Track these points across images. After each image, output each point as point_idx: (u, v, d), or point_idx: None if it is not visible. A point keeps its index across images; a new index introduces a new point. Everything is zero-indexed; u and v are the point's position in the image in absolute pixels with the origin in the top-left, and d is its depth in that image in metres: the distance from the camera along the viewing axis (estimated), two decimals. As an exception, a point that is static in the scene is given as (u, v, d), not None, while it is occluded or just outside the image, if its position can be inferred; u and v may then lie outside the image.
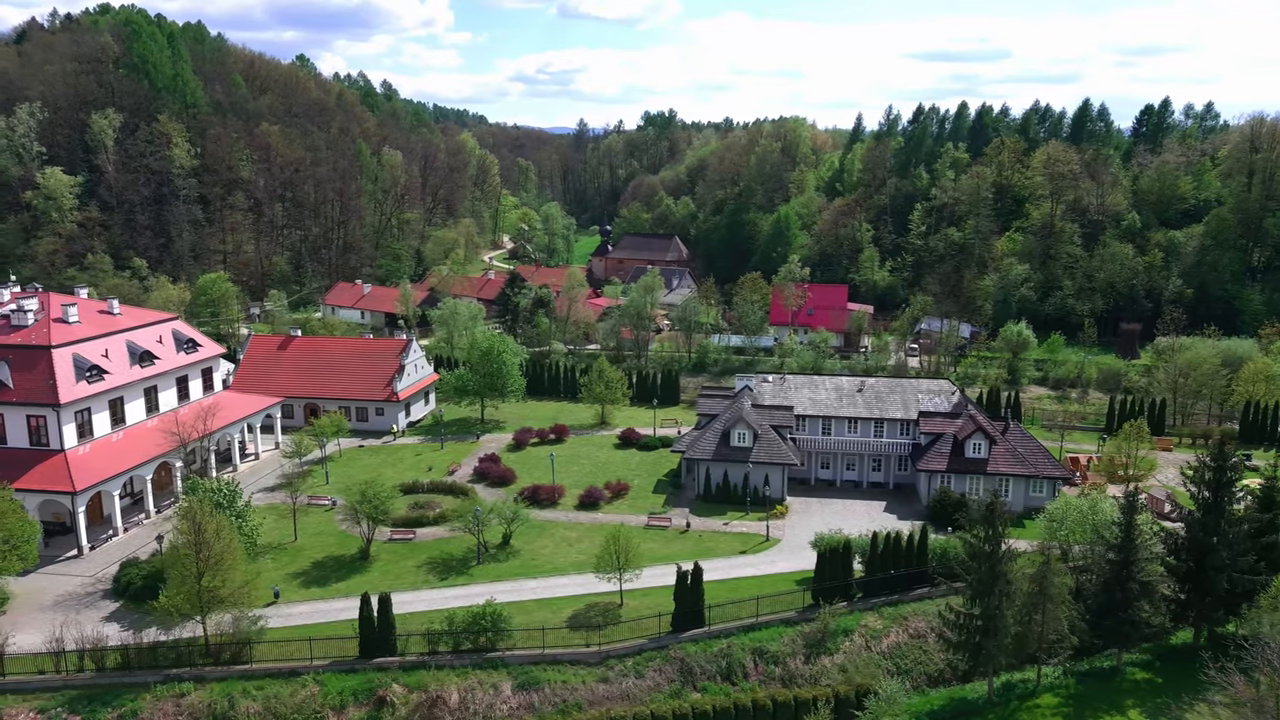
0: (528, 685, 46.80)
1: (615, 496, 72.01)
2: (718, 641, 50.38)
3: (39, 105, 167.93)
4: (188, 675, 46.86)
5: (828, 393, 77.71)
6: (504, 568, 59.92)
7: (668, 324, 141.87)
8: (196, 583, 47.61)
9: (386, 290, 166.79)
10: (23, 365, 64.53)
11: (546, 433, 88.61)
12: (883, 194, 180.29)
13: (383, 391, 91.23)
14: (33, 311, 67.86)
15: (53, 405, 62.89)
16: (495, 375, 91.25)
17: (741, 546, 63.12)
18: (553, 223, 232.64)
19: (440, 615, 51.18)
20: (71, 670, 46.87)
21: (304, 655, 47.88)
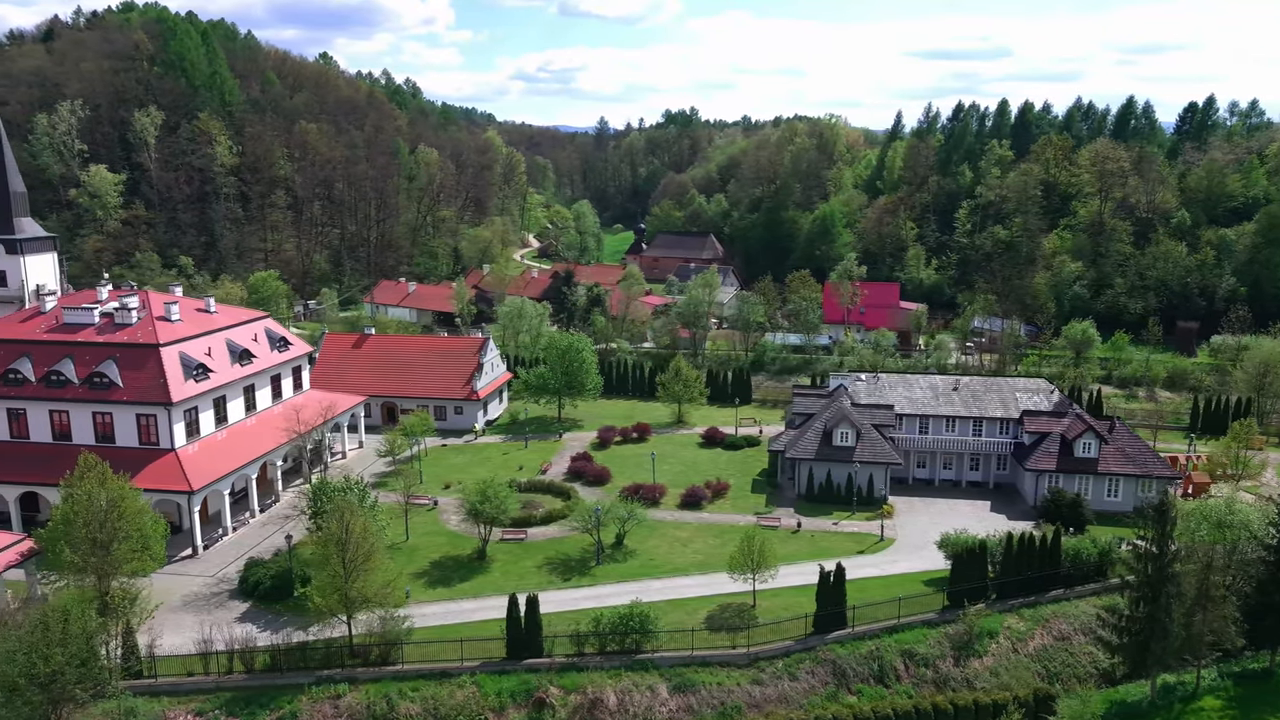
0: (683, 687, 46.33)
1: (716, 496, 71.50)
2: (864, 643, 49.91)
3: (80, 103, 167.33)
4: (339, 676, 46.41)
5: (923, 391, 77.18)
6: (624, 568, 59.43)
7: (715, 321, 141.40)
8: (343, 583, 47.22)
9: (432, 288, 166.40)
10: (131, 364, 64.13)
11: (629, 431, 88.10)
12: (924, 192, 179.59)
13: (462, 390, 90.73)
14: (135, 310, 67.44)
15: (164, 404, 62.49)
16: (575, 373, 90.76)
17: (857, 546, 62.59)
18: (584, 221, 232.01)
19: (574, 616, 50.85)
20: (221, 672, 46.43)
21: (453, 656, 47.41)
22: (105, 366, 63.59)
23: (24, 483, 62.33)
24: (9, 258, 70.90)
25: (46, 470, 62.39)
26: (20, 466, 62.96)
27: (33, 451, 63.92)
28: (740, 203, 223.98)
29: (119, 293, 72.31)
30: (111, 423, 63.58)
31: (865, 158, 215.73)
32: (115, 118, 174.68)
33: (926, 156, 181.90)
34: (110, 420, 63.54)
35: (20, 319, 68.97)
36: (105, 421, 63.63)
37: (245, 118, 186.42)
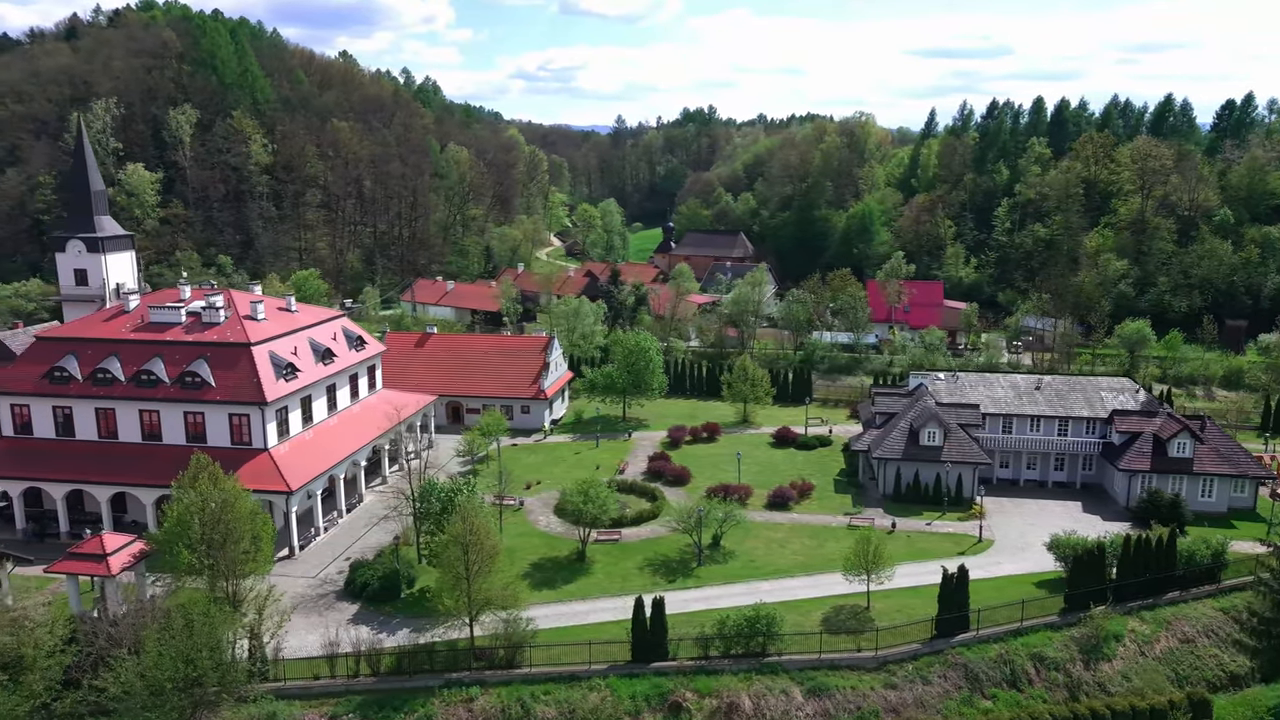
0: (817, 691, 45.74)
1: (802, 496, 70.86)
2: (990, 646, 49.30)
3: (114, 100, 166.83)
4: (468, 679, 45.85)
5: (1005, 390, 76.55)
6: (726, 569, 58.83)
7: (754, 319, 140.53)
8: (466, 584, 46.70)
9: (470, 287, 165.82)
10: (222, 363, 63.60)
11: (699, 431, 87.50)
12: (961, 189, 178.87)
13: (529, 389, 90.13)
14: (222, 309, 66.91)
15: (258, 404, 61.94)
16: (641, 373, 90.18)
17: (956, 548, 61.95)
18: (610, 219, 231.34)
19: (686, 619, 50.28)
20: (348, 675, 45.88)
21: (580, 659, 46.84)
22: (196, 366, 63.06)
23: (115, 483, 61.77)
24: (90, 256, 70.32)
25: (136, 470, 62.07)
26: (111, 467, 62.44)
27: (122, 452, 63.41)
28: (768, 201, 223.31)
29: (202, 291, 71.74)
30: (203, 422, 63.02)
31: (896, 156, 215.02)
32: (148, 116, 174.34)
33: (963, 154, 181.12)
34: (202, 420, 62.99)
35: (104, 318, 68.44)
36: (196, 421, 63.08)
37: (276, 116, 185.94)
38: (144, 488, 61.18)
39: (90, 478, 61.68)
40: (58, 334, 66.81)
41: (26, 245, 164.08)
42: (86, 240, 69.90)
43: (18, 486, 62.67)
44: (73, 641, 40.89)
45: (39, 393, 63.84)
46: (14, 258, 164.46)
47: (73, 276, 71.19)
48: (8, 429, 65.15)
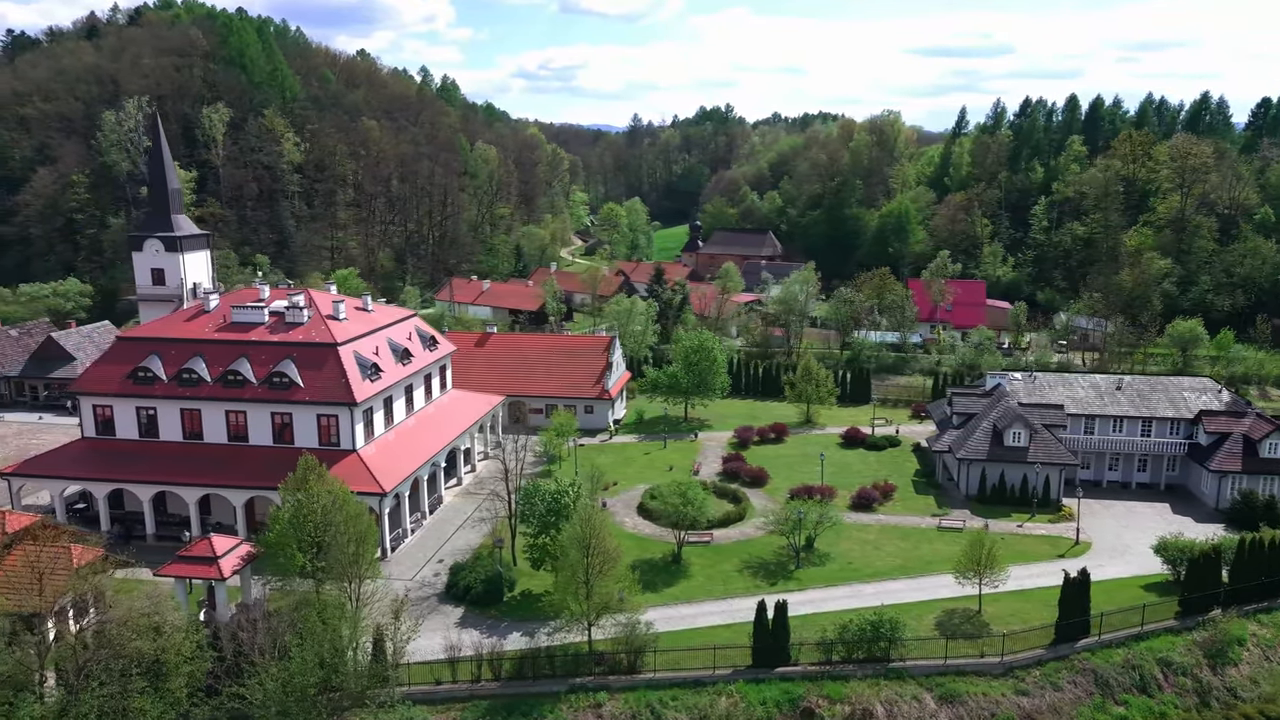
0: (948, 698, 45.08)
1: (885, 497, 70.17)
2: (1115, 651, 48.61)
3: (146, 99, 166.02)
4: (592, 684, 45.20)
5: (1085, 390, 75.82)
6: (825, 572, 58.15)
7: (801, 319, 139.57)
8: (586, 587, 46.06)
9: (506, 285, 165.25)
10: (309, 364, 62.92)
11: (766, 431, 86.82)
12: (995, 188, 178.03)
13: (593, 389, 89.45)
14: (304, 308, 66.23)
15: (347, 404, 61.29)
16: (705, 373, 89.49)
17: (1054, 550, 61.27)
18: (636, 218, 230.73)
19: (796, 622, 49.54)
20: (470, 679, 45.22)
21: (702, 664, 46.17)
22: (283, 366, 62.37)
23: (205, 485, 61.05)
24: (168, 255, 69.64)
25: (223, 472, 61.42)
26: (197, 468, 61.75)
27: (208, 453, 62.74)
28: (795, 200, 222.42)
29: (283, 291, 71.08)
30: (290, 423, 62.36)
31: (926, 154, 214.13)
32: (178, 114, 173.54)
33: (997, 152, 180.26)
34: (289, 421, 62.33)
35: (185, 318, 67.78)
36: (284, 422, 62.43)
37: (305, 114, 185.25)
38: (233, 489, 60.56)
39: (180, 479, 60.94)
40: (139, 334, 66.15)
41: (60, 244, 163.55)
42: (165, 239, 69.21)
43: (104, 488, 62.04)
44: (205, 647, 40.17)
45: (123, 393, 63.20)
46: (47, 257, 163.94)
47: (149, 275, 70.51)
48: (89, 429, 64.55)
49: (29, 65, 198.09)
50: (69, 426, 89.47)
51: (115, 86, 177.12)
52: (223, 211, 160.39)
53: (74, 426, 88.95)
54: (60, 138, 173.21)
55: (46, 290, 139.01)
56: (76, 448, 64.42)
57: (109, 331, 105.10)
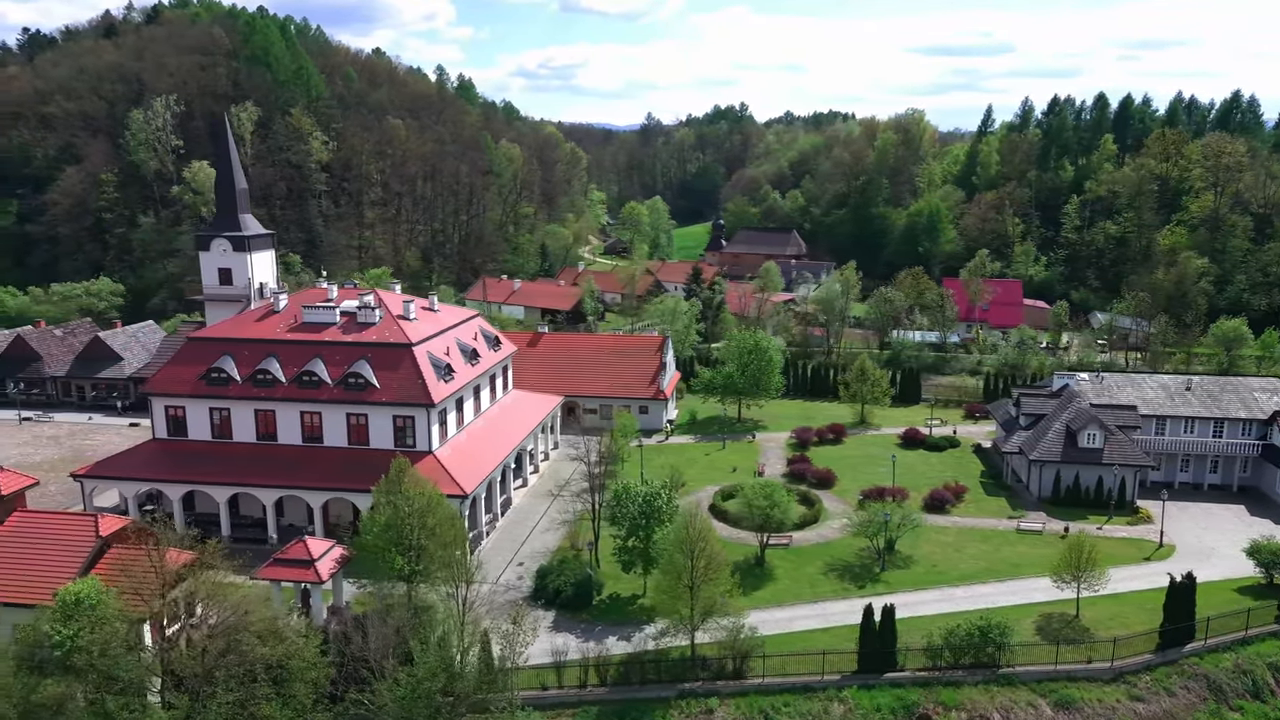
0: (1064, 704, 44.50)
1: (957, 499, 69.56)
2: (1223, 656, 48.05)
3: (174, 98, 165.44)
4: (701, 690, 44.65)
5: (1155, 391, 75.18)
6: (911, 575, 57.55)
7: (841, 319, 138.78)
8: (691, 591, 45.50)
9: (538, 285, 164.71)
10: (384, 364, 62.33)
11: (824, 432, 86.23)
12: (1025, 186, 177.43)
13: (648, 389, 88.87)
14: (376, 308, 65.65)
15: (425, 405, 60.71)
16: (761, 373, 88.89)
17: (1138, 553, 60.65)
18: (658, 217, 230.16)
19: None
20: (576, 684, 44.65)
21: (809, 669, 45.61)
22: (358, 366, 61.79)
23: (283, 486, 60.48)
24: (236, 255, 69.09)
25: (298, 473, 60.85)
26: (273, 470, 61.16)
27: (282, 454, 62.16)
28: (818, 199, 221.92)
29: (350, 291, 70.53)
30: (366, 424, 61.75)
31: (950, 153, 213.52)
32: (205, 113, 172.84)
33: (1027, 151, 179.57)
34: (365, 422, 61.72)
35: (254, 318, 67.21)
36: (359, 423, 61.83)
37: (331, 113, 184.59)
38: (311, 490, 59.99)
39: (258, 480, 60.38)
40: (211, 334, 65.54)
41: (89, 243, 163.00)
42: (232, 239, 68.66)
43: (179, 490, 61.45)
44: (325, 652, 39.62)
45: (196, 394, 62.64)
46: (75, 256, 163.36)
47: (216, 275, 69.96)
48: (161, 430, 64.00)
49: (50, 64, 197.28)
50: (119, 426, 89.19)
51: (139, 85, 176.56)
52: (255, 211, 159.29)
53: (125, 426, 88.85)
54: (85, 136, 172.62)
55: (79, 289, 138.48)
56: (148, 449, 63.87)
57: (154, 331, 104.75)
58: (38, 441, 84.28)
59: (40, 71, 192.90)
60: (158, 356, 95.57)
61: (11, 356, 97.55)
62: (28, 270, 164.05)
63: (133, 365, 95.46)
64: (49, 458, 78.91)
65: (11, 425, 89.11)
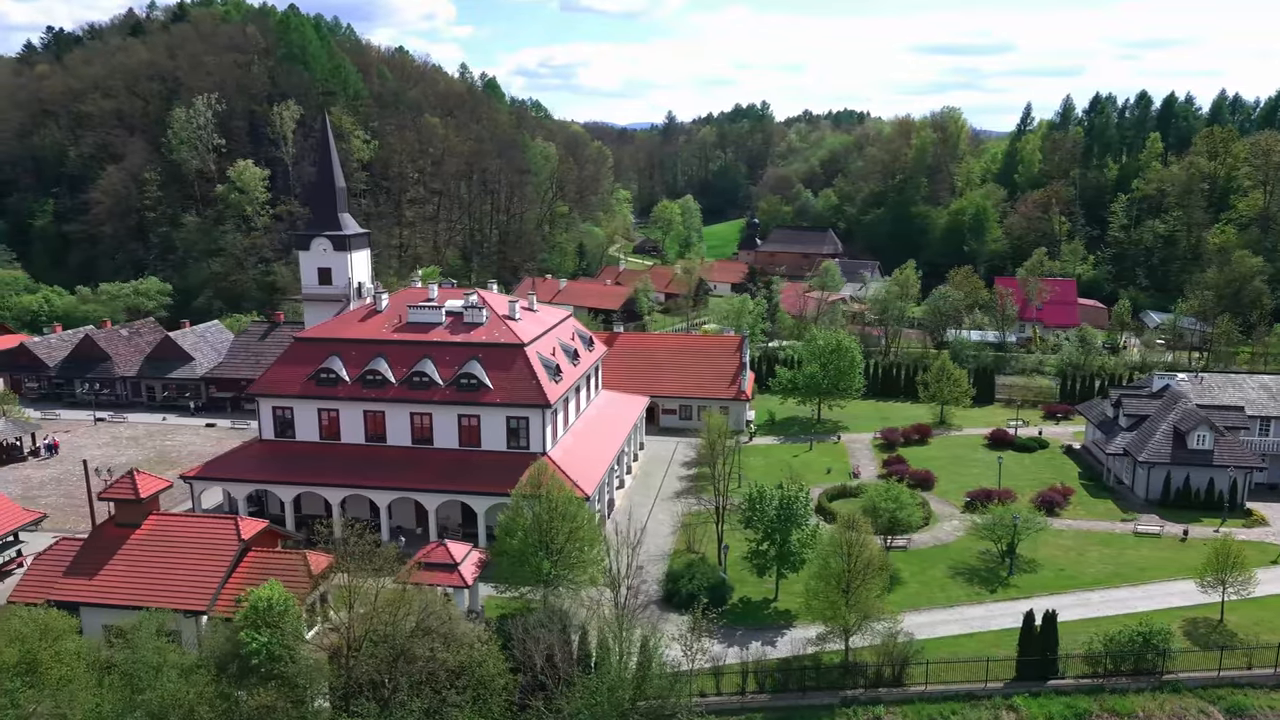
0: (1237, 711, 43.58)
1: (1064, 501, 68.64)
2: (1387, 661, 47.08)
3: (215, 96, 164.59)
4: (864, 697, 43.81)
5: (1257, 392, 74.32)
6: (1041, 579, 56.60)
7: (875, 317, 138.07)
8: (846, 596, 44.67)
9: (581, 284, 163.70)
10: (496, 365, 61.52)
11: (910, 432, 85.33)
12: (1068, 185, 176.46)
13: (728, 389, 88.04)
14: (482, 308, 64.83)
15: (539, 406, 59.91)
16: (844, 373, 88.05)
17: (1263, 556, 59.22)
18: (690, 216, 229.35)
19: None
20: (734, 691, 43.83)
21: (970, 677, 44.72)
22: (470, 367, 60.97)
23: (397, 488, 59.62)
24: (336, 254, 68.31)
25: (410, 475, 60.04)
26: (383, 471, 60.37)
27: (391, 456, 61.39)
28: (852, 197, 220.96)
29: (449, 291, 69.73)
30: (478, 426, 60.94)
31: (989, 151, 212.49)
32: (245, 112, 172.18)
33: (1072, 149, 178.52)
34: (477, 423, 60.90)
35: (358, 318, 66.37)
36: (471, 424, 61.02)
37: (369, 111, 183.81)
38: (427, 493, 59.18)
39: (373, 482, 59.54)
40: (317, 334, 64.71)
41: (131, 242, 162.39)
42: (333, 238, 67.88)
43: (290, 491, 60.66)
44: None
45: (305, 395, 61.88)
46: (115, 255, 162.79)
47: (315, 275, 69.19)
48: (268, 432, 63.23)
49: (80, 62, 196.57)
50: (195, 427, 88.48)
51: (175, 84, 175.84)
52: (302, 210, 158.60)
53: (201, 427, 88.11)
54: (123, 135, 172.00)
55: (127, 289, 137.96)
56: (255, 450, 63.13)
57: (220, 331, 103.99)
58: (118, 443, 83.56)
59: (72, 70, 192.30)
60: (230, 356, 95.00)
61: (79, 357, 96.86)
62: (66, 269, 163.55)
63: (204, 365, 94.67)
64: (134, 459, 78.06)
65: (87, 426, 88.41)
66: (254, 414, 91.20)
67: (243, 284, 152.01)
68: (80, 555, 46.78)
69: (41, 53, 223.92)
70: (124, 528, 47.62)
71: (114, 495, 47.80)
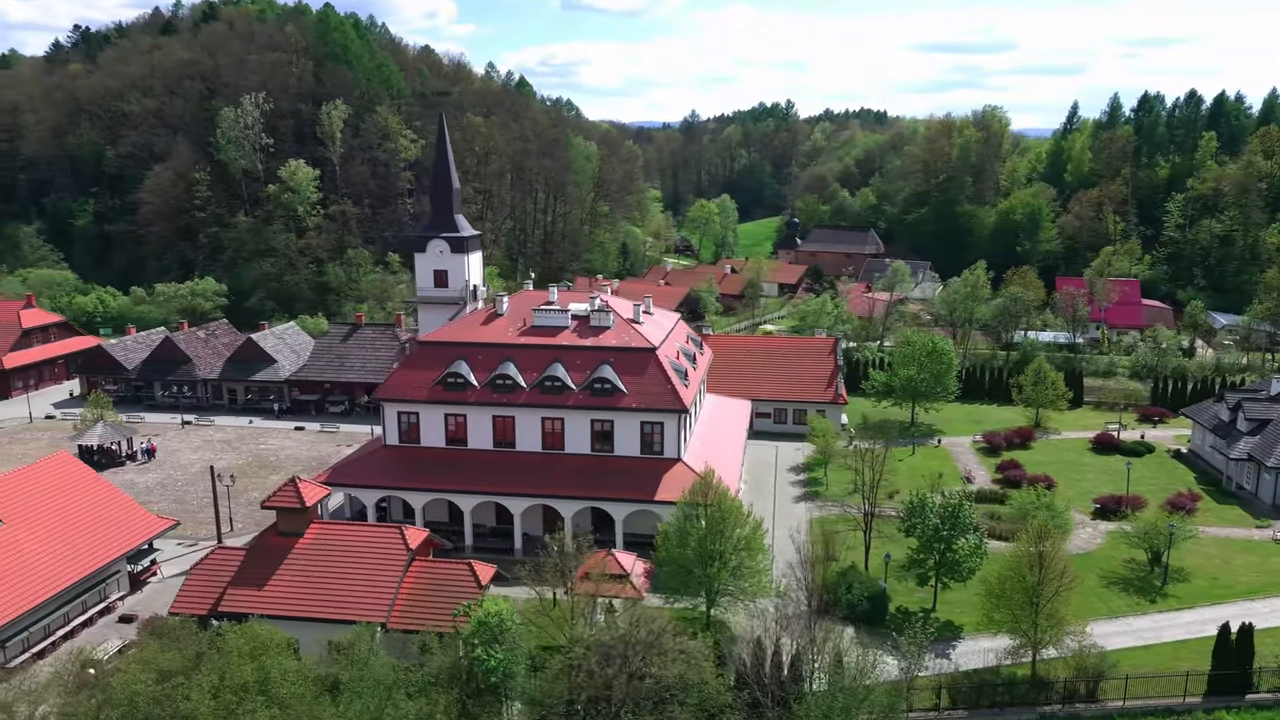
0: None
1: (1194, 507, 67.36)
2: None
3: (263, 95, 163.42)
4: (1061, 713, 42.64)
5: (1379, 395, 73.09)
6: (1195, 588, 55.38)
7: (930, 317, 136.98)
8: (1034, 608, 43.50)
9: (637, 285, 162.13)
10: (627, 369, 60.34)
11: (1011, 436, 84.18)
12: (1119, 184, 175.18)
13: (825, 392, 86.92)
14: (609, 312, 63.68)
15: (676, 411, 58.80)
16: (942, 375, 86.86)
17: None
18: (727, 215, 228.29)
19: (1200, 644, 47.01)
20: (928, 707, 42.67)
21: (1165, 691, 43.53)
22: (602, 371, 59.80)
23: (531, 494, 58.51)
24: (454, 256, 67.17)
25: (542, 481, 58.94)
26: (512, 477, 59.23)
27: (520, 461, 60.21)
28: (890, 196, 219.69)
29: (568, 294, 68.62)
30: (611, 431, 59.77)
31: (1033, 150, 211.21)
32: (290, 111, 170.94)
33: (1124, 148, 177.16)
34: (610, 428, 59.74)
35: (479, 321, 65.25)
36: (604, 429, 59.87)
37: (412, 110, 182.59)
38: (565, 500, 58.10)
39: (510, 489, 58.43)
40: (441, 338, 63.52)
41: (180, 243, 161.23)
42: (451, 240, 66.75)
43: (422, 498, 59.53)
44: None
45: (433, 399, 60.71)
46: (163, 256, 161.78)
47: (431, 278, 68.05)
48: (393, 437, 62.08)
49: (116, 61, 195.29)
50: (285, 430, 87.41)
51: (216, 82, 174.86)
52: (356, 210, 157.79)
53: (290, 430, 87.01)
54: (165, 134, 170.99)
55: (184, 289, 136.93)
56: (381, 456, 61.88)
57: (297, 333, 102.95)
58: (210, 446, 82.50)
59: (107, 69, 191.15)
60: (313, 359, 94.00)
61: (159, 359, 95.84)
62: (109, 270, 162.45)
63: (287, 368, 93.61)
64: (234, 463, 77.06)
65: (175, 429, 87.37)
66: (340, 417, 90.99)
67: (294, 284, 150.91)
68: (245, 566, 45.67)
69: (69, 51, 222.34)
70: (286, 536, 46.52)
71: (278, 504, 46.69)
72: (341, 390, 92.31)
